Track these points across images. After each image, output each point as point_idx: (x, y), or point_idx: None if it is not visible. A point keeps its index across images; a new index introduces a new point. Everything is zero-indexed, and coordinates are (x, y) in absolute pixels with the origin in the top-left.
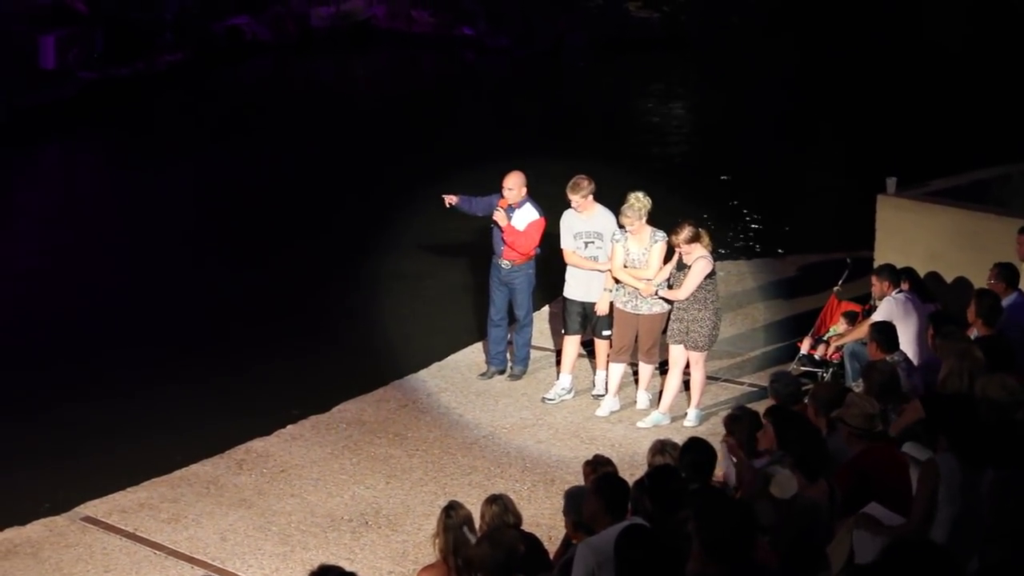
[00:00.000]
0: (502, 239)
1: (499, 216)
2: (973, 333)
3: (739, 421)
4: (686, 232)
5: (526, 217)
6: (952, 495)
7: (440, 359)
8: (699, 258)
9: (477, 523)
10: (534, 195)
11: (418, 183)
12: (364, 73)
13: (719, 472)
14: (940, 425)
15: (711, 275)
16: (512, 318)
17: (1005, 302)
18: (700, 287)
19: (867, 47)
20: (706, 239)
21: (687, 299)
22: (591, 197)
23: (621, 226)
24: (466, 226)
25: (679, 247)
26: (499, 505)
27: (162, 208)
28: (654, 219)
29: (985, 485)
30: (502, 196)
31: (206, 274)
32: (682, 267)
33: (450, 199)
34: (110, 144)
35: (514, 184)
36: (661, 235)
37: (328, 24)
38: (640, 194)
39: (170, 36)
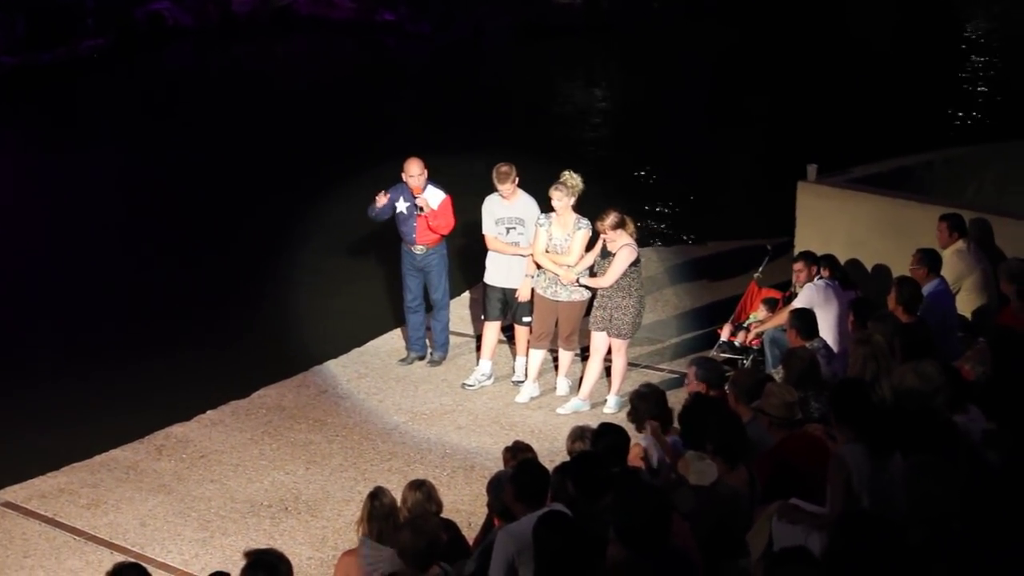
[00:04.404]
0: (414, 226)
1: (422, 202)
2: None
3: (645, 398)
4: (611, 218)
5: (436, 198)
6: (864, 483)
7: (360, 345)
8: (624, 246)
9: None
10: (458, 182)
11: (336, 173)
12: (286, 59)
13: (636, 454)
14: (840, 415)
15: (635, 263)
16: (428, 303)
17: (926, 288)
18: (624, 275)
19: (790, 33)
20: (631, 226)
21: (611, 287)
22: (516, 184)
23: (548, 210)
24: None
25: (604, 233)
26: (423, 492)
27: (83, 195)
28: (579, 206)
29: (895, 471)
30: (402, 186)
31: (126, 261)
32: (606, 255)
33: (381, 199)
34: (32, 130)
35: (417, 170)
36: (585, 222)
37: (250, 9)
38: (574, 173)
39: (91, 21)
